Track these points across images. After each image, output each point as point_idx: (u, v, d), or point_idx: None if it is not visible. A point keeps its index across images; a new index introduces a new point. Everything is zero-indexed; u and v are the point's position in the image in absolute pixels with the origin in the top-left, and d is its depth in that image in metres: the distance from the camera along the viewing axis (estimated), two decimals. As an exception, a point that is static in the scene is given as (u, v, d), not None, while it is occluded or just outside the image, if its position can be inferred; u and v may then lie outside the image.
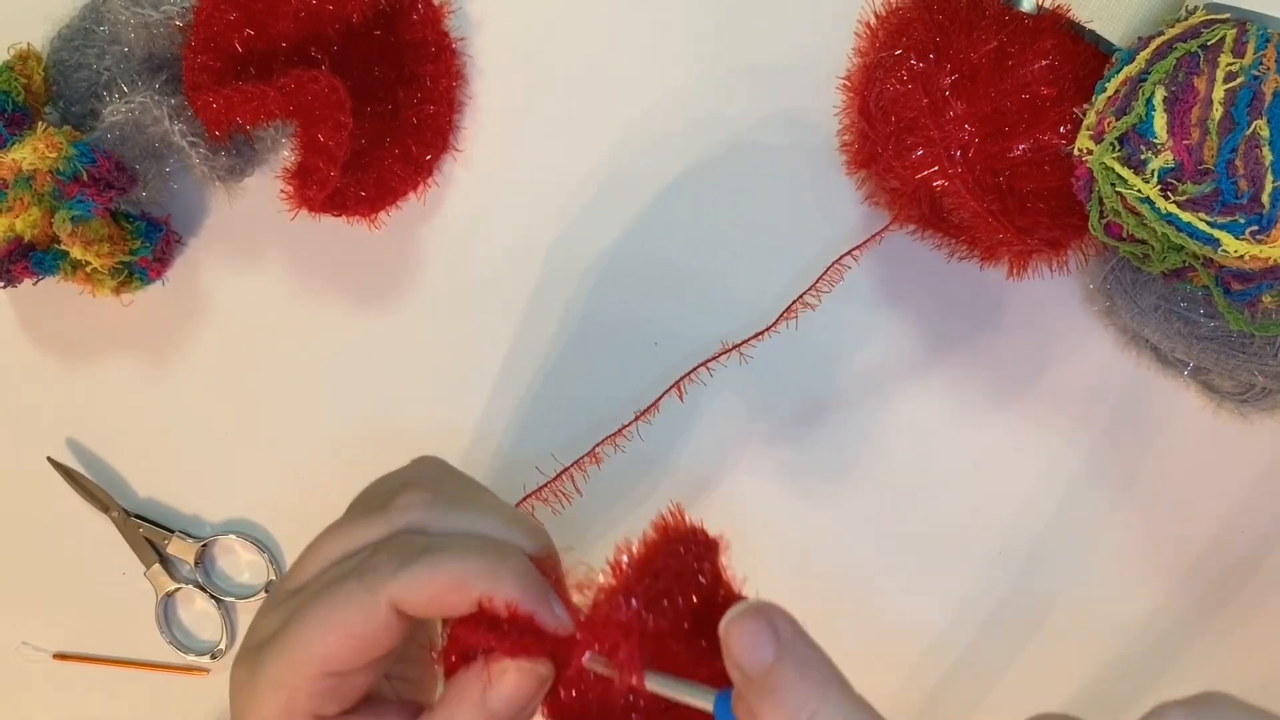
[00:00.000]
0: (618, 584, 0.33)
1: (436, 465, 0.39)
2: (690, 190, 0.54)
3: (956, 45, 0.45)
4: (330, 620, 0.33)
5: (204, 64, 0.50)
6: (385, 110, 0.53)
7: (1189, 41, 0.42)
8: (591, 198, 0.54)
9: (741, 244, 0.54)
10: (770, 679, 0.30)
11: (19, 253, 0.51)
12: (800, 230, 0.53)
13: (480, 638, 0.33)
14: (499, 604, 0.32)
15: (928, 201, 0.48)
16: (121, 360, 0.55)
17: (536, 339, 0.54)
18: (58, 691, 0.54)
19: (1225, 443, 0.52)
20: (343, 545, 0.35)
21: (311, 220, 0.53)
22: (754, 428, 0.53)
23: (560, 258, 0.54)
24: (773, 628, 0.31)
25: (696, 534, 0.34)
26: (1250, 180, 0.39)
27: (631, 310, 0.54)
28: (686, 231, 0.54)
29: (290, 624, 0.33)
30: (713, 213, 0.54)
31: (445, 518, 0.35)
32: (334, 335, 0.54)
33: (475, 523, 0.35)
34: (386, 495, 0.36)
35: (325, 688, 0.33)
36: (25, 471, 0.54)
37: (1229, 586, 0.52)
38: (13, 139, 0.50)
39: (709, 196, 0.54)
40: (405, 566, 0.32)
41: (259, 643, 0.34)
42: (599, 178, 0.54)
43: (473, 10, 0.55)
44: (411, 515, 0.35)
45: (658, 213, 0.54)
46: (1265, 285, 0.43)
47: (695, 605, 0.34)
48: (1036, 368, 0.53)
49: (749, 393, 0.53)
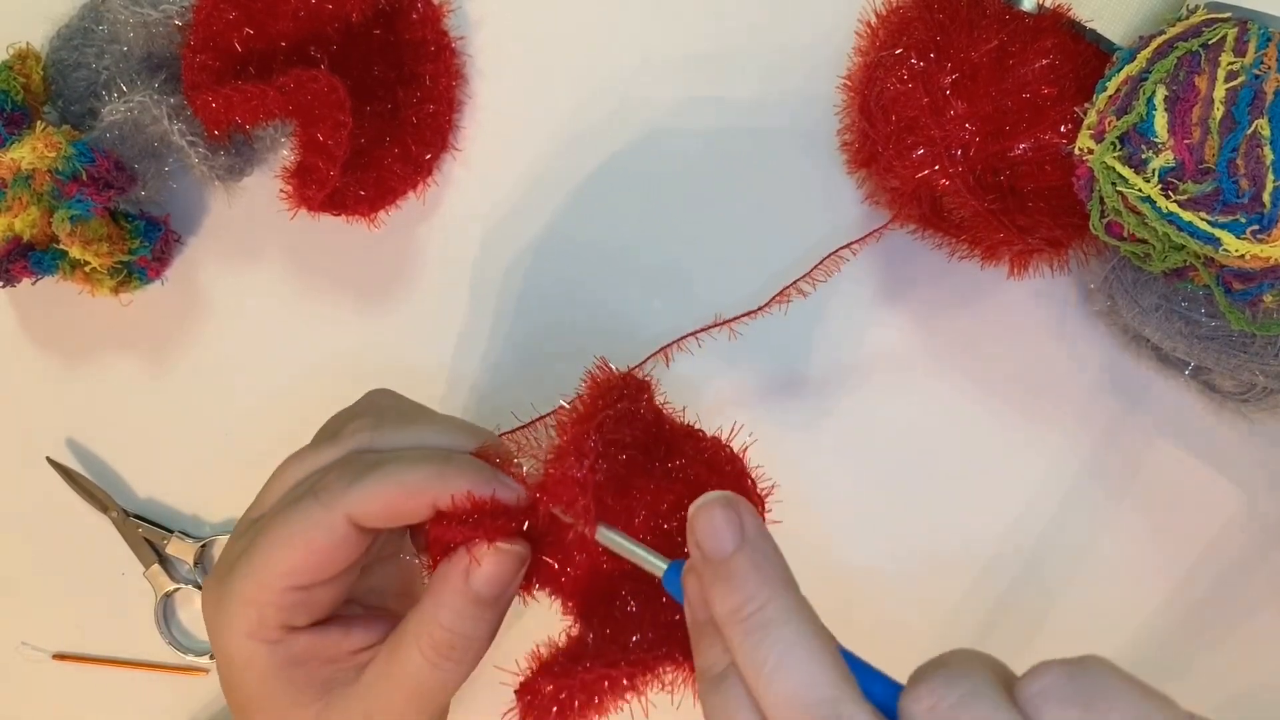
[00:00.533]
0: (565, 442, 0.35)
1: (385, 394, 0.42)
2: (690, 189, 0.54)
3: (957, 44, 0.45)
4: (292, 537, 0.35)
5: (203, 63, 0.50)
6: (385, 110, 0.53)
7: (1190, 40, 0.42)
8: (591, 196, 0.54)
9: (742, 243, 0.54)
10: (727, 566, 0.32)
11: (18, 252, 0.51)
12: (801, 230, 0.53)
13: (455, 533, 0.35)
14: (459, 499, 0.35)
15: (928, 201, 0.48)
16: (120, 360, 0.55)
17: (536, 338, 0.54)
18: (57, 691, 0.54)
19: (1225, 443, 0.52)
20: (300, 471, 0.38)
21: (311, 220, 0.53)
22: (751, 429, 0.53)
23: (560, 256, 0.54)
24: (739, 520, 0.33)
25: (627, 380, 0.37)
26: (1251, 179, 0.39)
27: (631, 310, 0.54)
28: (687, 230, 0.54)
29: (254, 544, 0.36)
30: (713, 212, 0.54)
31: (391, 436, 0.38)
32: (333, 334, 0.54)
33: (420, 436, 0.38)
34: (339, 425, 0.39)
35: (293, 600, 0.36)
36: (25, 471, 0.54)
37: (1229, 586, 0.52)
38: (12, 138, 0.50)
39: (709, 196, 0.54)
40: (357, 481, 0.35)
41: (227, 566, 0.37)
42: (599, 177, 0.54)
43: (472, 10, 0.55)
44: (360, 438, 0.38)
45: (658, 212, 0.54)
46: (1266, 285, 0.43)
47: (644, 441, 0.37)
48: (1036, 368, 0.53)
49: (747, 391, 0.53)
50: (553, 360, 0.53)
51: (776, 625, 0.31)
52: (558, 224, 0.54)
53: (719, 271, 0.54)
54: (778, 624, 0.31)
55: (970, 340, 0.53)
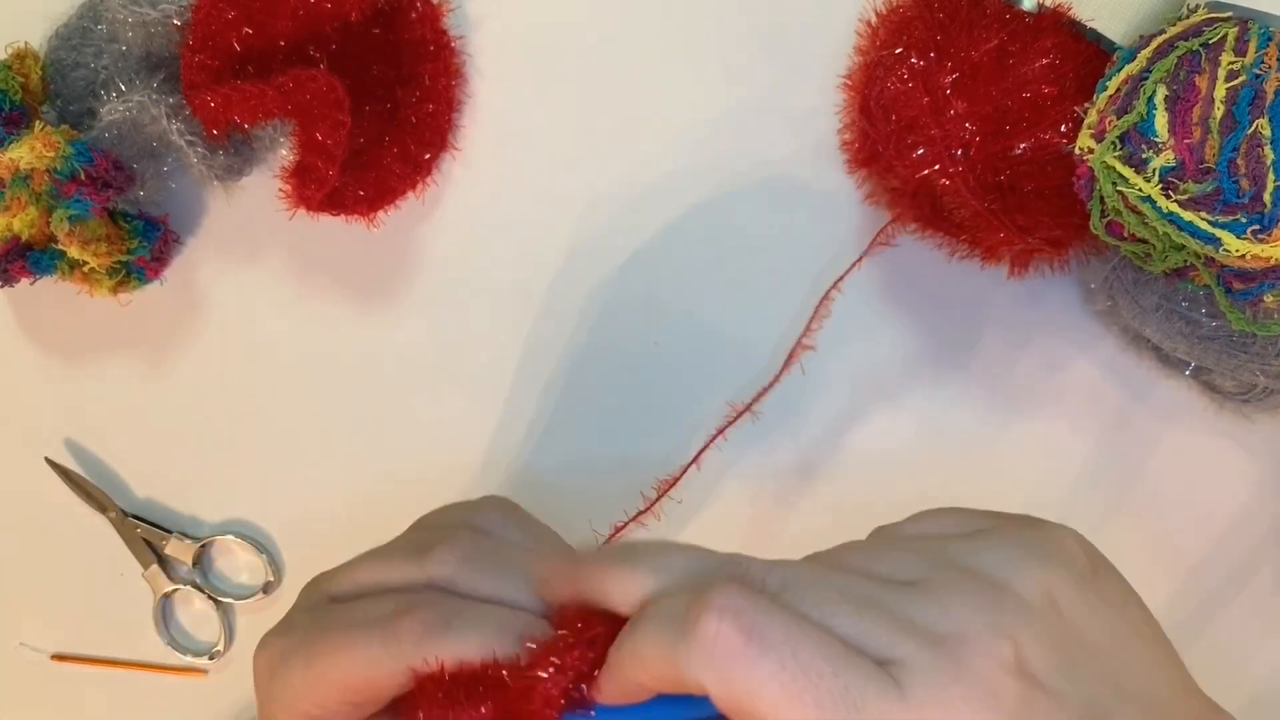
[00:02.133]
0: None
1: (497, 507, 0.39)
2: (690, 188, 0.54)
3: (957, 44, 0.45)
4: (352, 667, 0.34)
5: (202, 63, 0.50)
6: (384, 109, 0.53)
7: (1190, 40, 0.41)
8: (591, 196, 0.54)
9: (741, 241, 0.53)
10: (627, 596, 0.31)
11: (16, 252, 0.50)
12: (800, 229, 0.53)
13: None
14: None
15: (928, 201, 0.48)
16: (119, 360, 0.55)
17: (536, 337, 0.54)
18: (56, 691, 0.54)
19: (1226, 443, 0.52)
20: (378, 576, 0.36)
21: (310, 220, 0.53)
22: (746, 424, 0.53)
23: (560, 256, 0.54)
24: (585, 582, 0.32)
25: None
26: (1252, 179, 0.39)
27: (631, 306, 0.53)
28: (686, 229, 0.54)
29: (316, 650, 0.34)
30: (713, 211, 0.54)
31: (475, 579, 0.35)
32: (332, 334, 0.54)
33: (502, 588, 0.35)
34: (432, 537, 0.37)
35: (342, 711, 0.35)
36: (23, 472, 0.54)
37: (1230, 587, 0.52)
38: (10, 138, 0.50)
39: (709, 195, 0.54)
40: (428, 638, 0.33)
41: (287, 645, 0.35)
42: (599, 176, 0.54)
43: (472, 9, 0.55)
44: (445, 570, 0.36)
45: (657, 209, 0.54)
46: (1267, 285, 0.43)
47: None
48: (1037, 368, 0.53)
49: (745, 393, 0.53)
50: (553, 359, 0.53)
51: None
52: (558, 224, 0.54)
53: (719, 270, 0.53)
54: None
55: (970, 340, 0.53)
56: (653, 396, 0.53)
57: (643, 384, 0.53)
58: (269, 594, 0.53)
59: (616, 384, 0.53)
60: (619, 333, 0.53)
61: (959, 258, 0.51)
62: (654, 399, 0.53)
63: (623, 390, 0.53)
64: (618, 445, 0.53)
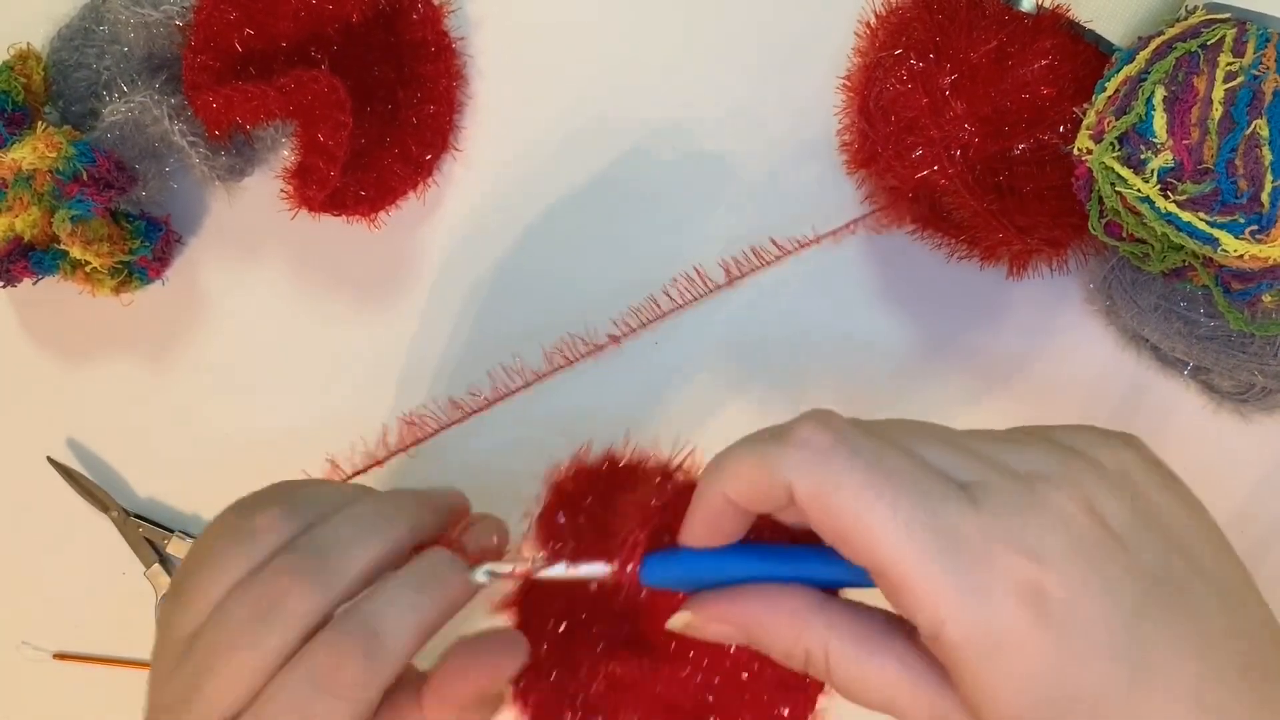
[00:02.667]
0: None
1: (298, 483, 0.39)
2: (690, 188, 0.54)
3: (956, 45, 0.45)
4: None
5: (204, 64, 0.50)
6: (385, 110, 0.53)
7: (1189, 41, 0.42)
8: (592, 196, 0.54)
9: (741, 241, 0.54)
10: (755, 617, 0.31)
11: (18, 252, 0.51)
12: (800, 229, 0.53)
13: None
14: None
15: (928, 201, 0.48)
16: (121, 360, 0.55)
17: (536, 338, 0.54)
18: (57, 691, 0.54)
19: (1225, 443, 0.52)
20: (226, 579, 0.34)
21: (311, 220, 0.53)
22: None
23: (560, 256, 0.54)
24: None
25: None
26: (1250, 180, 0.39)
27: (631, 306, 0.54)
28: (686, 229, 0.54)
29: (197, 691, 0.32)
30: (712, 211, 0.54)
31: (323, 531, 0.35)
32: (333, 335, 0.54)
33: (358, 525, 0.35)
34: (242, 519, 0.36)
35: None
36: (25, 471, 0.54)
37: (1229, 586, 0.52)
38: (12, 139, 0.50)
39: (708, 195, 0.54)
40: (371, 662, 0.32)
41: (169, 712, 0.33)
42: (599, 176, 0.54)
43: (472, 10, 0.55)
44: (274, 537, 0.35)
45: (657, 210, 0.54)
46: (1265, 285, 0.43)
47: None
48: (1036, 368, 0.53)
49: (744, 389, 0.53)
50: (552, 359, 0.53)
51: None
52: (558, 224, 0.54)
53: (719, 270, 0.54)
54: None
55: (969, 341, 0.53)
56: (653, 396, 0.53)
57: (643, 383, 0.53)
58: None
59: (617, 383, 0.53)
60: (618, 331, 0.53)
61: (959, 258, 0.51)
62: (654, 398, 0.53)
63: (623, 389, 0.53)
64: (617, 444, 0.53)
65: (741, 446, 0.30)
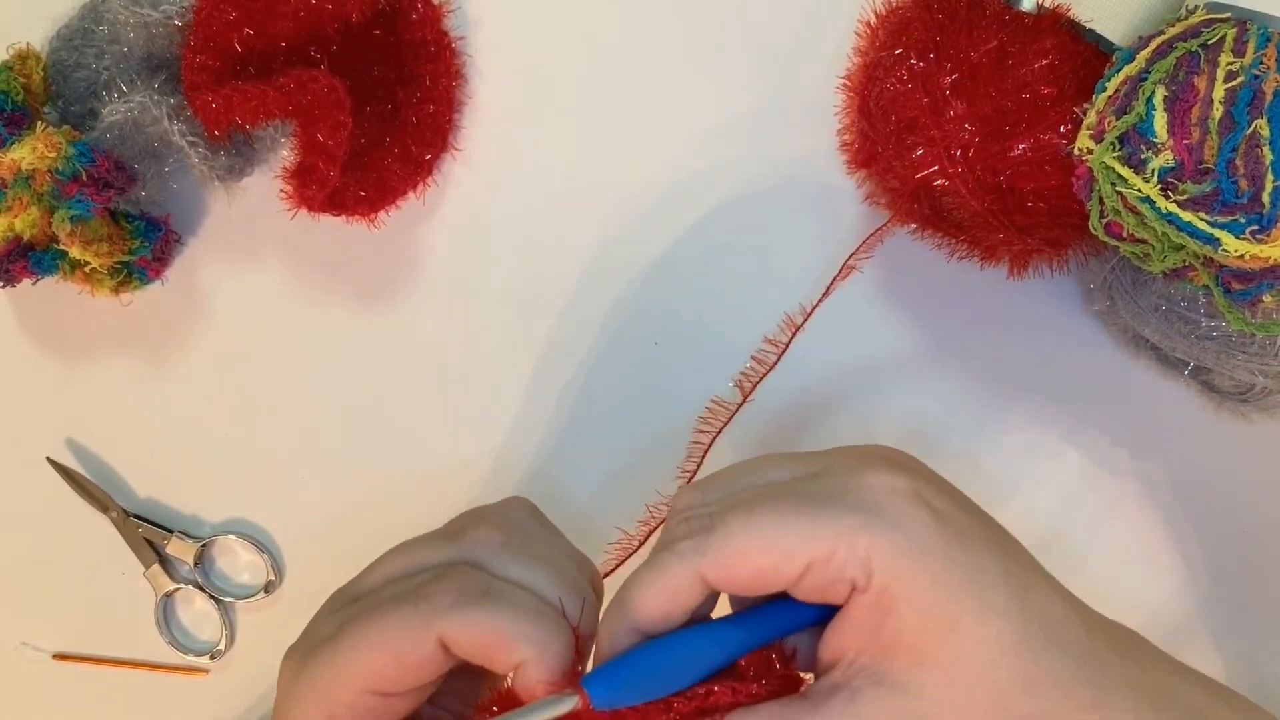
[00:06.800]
0: None
1: (522, 508, 0.39)
2: (689, 188, 0.54)
3: (957, 44, 0.45)
4: (380, 640, 0.33)
5: (203, 64, 0.50)
6: (385, 110, 0.53)
7: (1189, 41, 0.42)
8: (592, 196, 0.54)
9: (741, 242, 0.54)
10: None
11: (18, 252, 0.51)
12: (800, 229, 0.53)
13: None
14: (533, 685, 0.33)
15: (928, 201, 0.48)
16: (121, 360, 0.55)
17: (536, 337, 0.54)
18: (57, 691, 0.54)
19: (1225, 443, 0.52)
20: (407, 562, 0.36)
21: (311, 220, 0.53)
22: (750, 431, 0.53)
23: (560, 256, 0.54)
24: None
25: None
26: (1250, 180, 0.39)
27: (631, 307, 0.54)
28: (686, 229, 0.54)
29: (342, 634, 0.33)
30: (712, 211, 0.54)
31: (508, 563, 0.35)
32: (333, 335, 0.54)
33: (535, 577, 0.35)
34: (463, 525, 0.36)
35: (366, 705, 0.33)
36: (25, 471, 0.54)
37: (1229, 586, 0.52)
38: (12, 139, 0.50)
39: (709, 195, 0.54)
40: (461, 606, 0.33)
41: (311, 645, 0.34)
42: (599, 176, 0.54)
43: (472, 10, 0.55)
44: (480, 549, 0.35)
45: (657, 210, 0.54)
46: (1265, 285, 0.43)
47: None
48: (1036, 368, 0.53)
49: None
50: (552, 359, 0.53)
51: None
52: (558, 224, 0.54)
53: (718, 269, 0.54)
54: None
55: (969, 341, 0.53)
56: (652, 395, 0.53)
57: (643, 382, 0.53)
58: (270, 593, 0.53)
59: (616, 382, 0.53)
60: (619, 331, 0.53)
61: (959, 258, 0.51)
62: (654, 397, 0.53)
63: (623, 388, 0.53)
64: (618, 444, 0.53)
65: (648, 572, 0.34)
